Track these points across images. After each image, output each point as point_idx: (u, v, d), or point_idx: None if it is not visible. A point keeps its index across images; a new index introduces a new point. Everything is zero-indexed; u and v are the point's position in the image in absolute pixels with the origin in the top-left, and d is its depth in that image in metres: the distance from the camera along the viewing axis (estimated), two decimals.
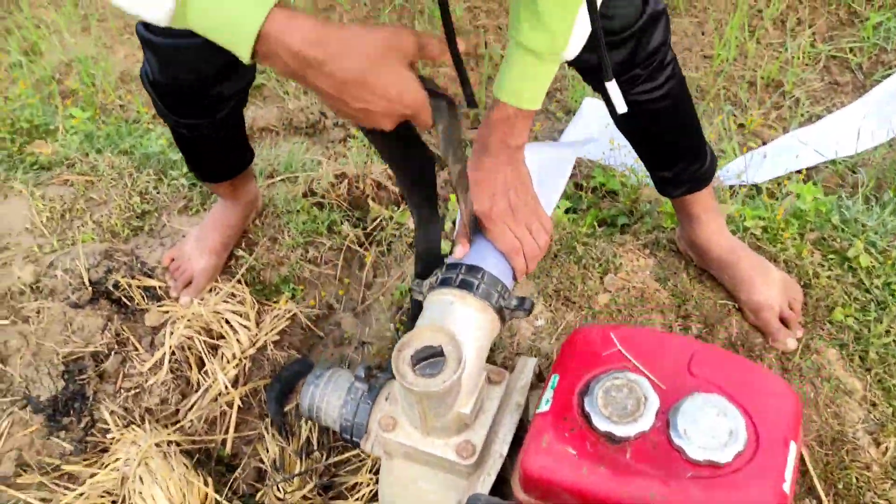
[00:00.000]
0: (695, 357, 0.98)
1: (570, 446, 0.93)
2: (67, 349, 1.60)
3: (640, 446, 0.91)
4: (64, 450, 1.51)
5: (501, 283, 1.06)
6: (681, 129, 1.37)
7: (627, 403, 0.94)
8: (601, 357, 1.00)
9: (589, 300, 1.52)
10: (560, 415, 0.96)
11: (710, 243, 1.50)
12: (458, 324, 1.02)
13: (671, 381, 0.96)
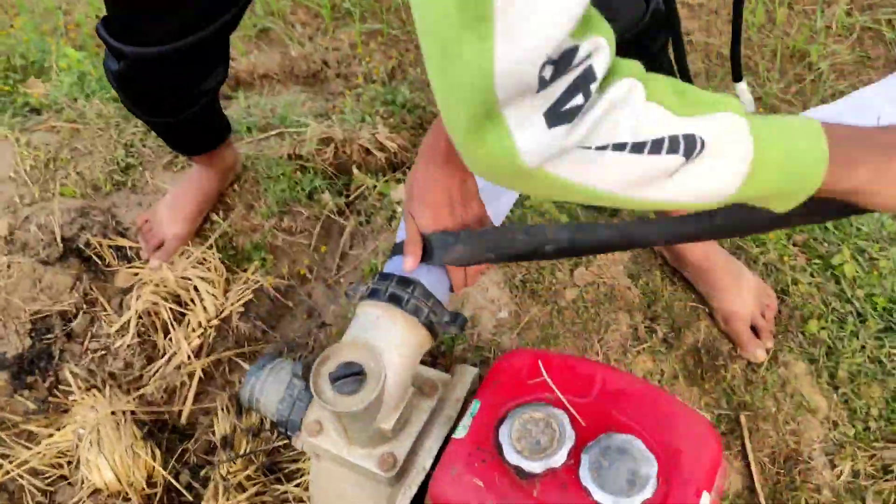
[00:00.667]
0: (622, 393, 0.96)
1: (479, 478, 0.92)
2: (35, 307, 1.62)
3: (550, 483, 0.90)
4: (27, 408, 1.55)
5: (434, 298, 1.04)
6: None
7: (541, 438, 0.92)
8: (526, 385, 0.98)
9: (556, 294, 1.49)
10: (475, 443, 0.95)
11: (684, 249, 1.45)
12: (382, 340, 1.00)
13: (592, 418, 0.94)
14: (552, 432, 0.93)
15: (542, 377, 0.98)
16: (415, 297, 1.03)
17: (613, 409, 0.95)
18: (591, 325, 1.45)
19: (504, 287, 1.51)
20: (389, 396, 1.00)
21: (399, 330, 1.01)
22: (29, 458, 1.46)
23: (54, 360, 1.59)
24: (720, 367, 1.40)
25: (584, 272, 1.51)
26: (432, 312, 1.04)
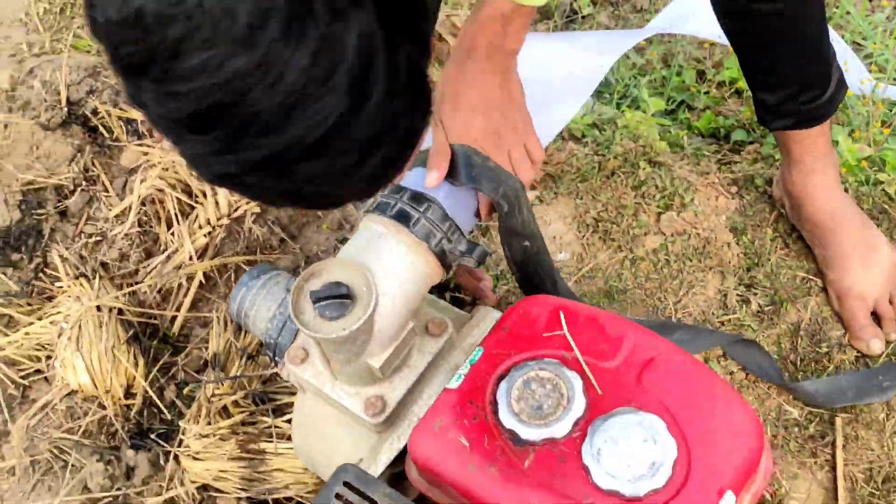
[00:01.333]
0: (654, 362, 1.01)
1: (465, 436, 0.99)
2: (29, 176, 1.79)
3: (546, 455, 0.97)
4: (9, 289, 1.72)
5: (451, 223, 1.10)
6: (797, 50, 1.31)
7: (545, 402, 0.99)
8: (540, 338, 1.04)
9: (633, 240, 1.53)
10: (467, 396, 1.02)
11: (808, 197, 1.45)
12: (380, 262, 1.08)
13: (612, 386, 0.99)
14: (559, 397, 0.99)
15: (560, 330, 1.03)
16: (427, 217, 1.10)
17: (639, 380, 1.00)
18: (669, 284, 1.48)
19: (571, 223, 1.56)
20: (381, 329, 1.08)
21: (402, 253, 1.09)
22: (4, 345, 1.64)
23: (43, 240, 1.76)
24: (823, 355, 1.41)
25: (675, 218, 1.53)
26: (446, 238, 1.10)
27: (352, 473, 1.02)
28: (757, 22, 1.24)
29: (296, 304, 1.07)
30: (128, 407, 1.55)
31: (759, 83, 1.39)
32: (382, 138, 0.67)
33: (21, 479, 1.53)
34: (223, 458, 1.41)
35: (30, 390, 1.62)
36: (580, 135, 1.70)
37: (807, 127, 1.40)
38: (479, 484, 0.97)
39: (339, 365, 1.12)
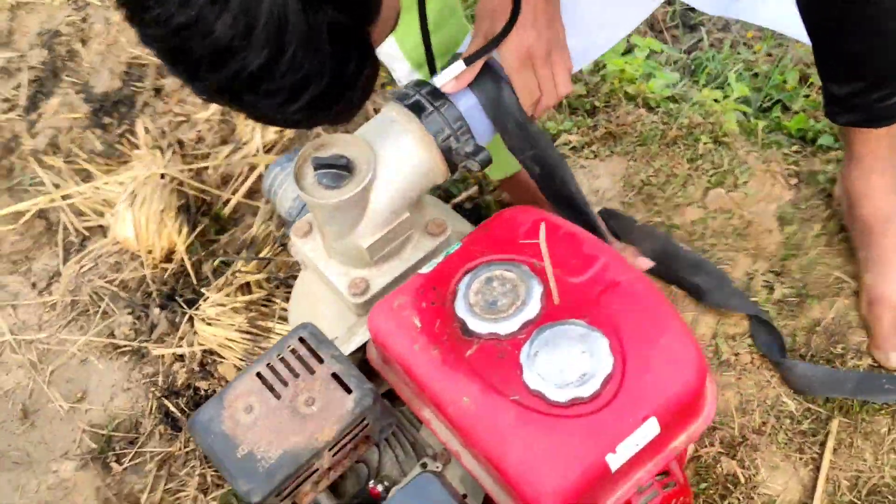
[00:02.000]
0: (619, 286, 1.00)
1: (419, 317, 1.01)
2: (137, 51, 1.90)
3: (488, 349, 0.97)
4: (94, 147, 1.84)
5: (464, 124, 1.12)
6: (875, 39, 1.25)
7: (501, 299, 0.99)
8: (516, 243, 1.04)
9: (675, 209, 1.51)
10: (433, 283, 1.04)
11: (863, 196, 1.40)
12: (385, 145, 1.10)
13: (570, 300, 0.99)
14: (514, 297, 0.99)
15: (536, 240, 1.04)
16: (441, 112, 1.11)
17: (599, 299, 0.99)
18: None
19: (618, 181, 1.55)
20: (374, 210, 1.11)
21: (407, 141, 1.11)
22: (75, 194, 1.75)
23: (135, 109, 1.86)
24: (836, 356, 1.36)
25: (723, 195, 1.50)
26: (454, 137, 1.12)
27: (308, 331, 1.05)
28: (835, 3, 1.20)
29: (299, 168, 1.11)
30: (165, 270, 1.63)
31: (830, 71, 1.34)
32: (307, 83, 0.77)
33: (59, 315, 1.64)
34: (232, 328, 1.47)
35: (88, 240, 1.73)
36: (654, 104, 1.68)
37: (875, 126, 1.34)
38: (420, 363, 0.99)
39: (332, 239, 1.15)
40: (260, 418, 1.00)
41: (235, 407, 1.01)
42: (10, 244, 1.74)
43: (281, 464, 0.97)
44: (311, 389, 1.01)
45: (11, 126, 1.87)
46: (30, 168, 1.82)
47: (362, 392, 1.00)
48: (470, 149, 1.13)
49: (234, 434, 1.00)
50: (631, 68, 1.72)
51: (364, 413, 1.00)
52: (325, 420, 0.99)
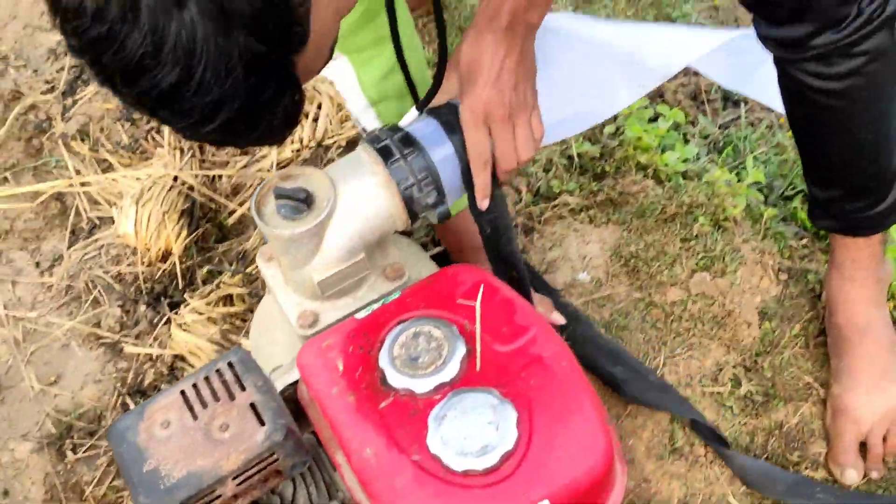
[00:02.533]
0: (542, 361, 0.99)
1: (343, 361, 1.02)
2: None
3: (402, 404, 0.97)
4: (120, 140, 1.89)
5: (430, 175, 1.12)
6: (854, 145, 1.23)
7: (423, 356, 0.99)
8: (453, 302, 1.04)
9: (657, 286, 1.49)
10: (365, 329, 1.04)
11: (840, 304, 1.37)
12: (349, 185, 1.11)
13: (491, 368, 0.99)
14: (437, 356, 0.99)
15: (473, 302, 1.04)
16: (408, 160, 1.12)
17: (520, 371, 0.99)
18: (670, 339, 1.43)
19: (607, 250, 1.54)
20: (329, 246, 1.12)
21: (372, 185, 1.12)
22: (93, 182, 1.80)
23: None
24: (791, 463, 1.32)
25: (707, 281, 1.48)
26: (417, 187, 1.13)
27: (238, 357, 1.06)
28: (810, 101, 1.17)
29: (261, 196, 1.13)
30: (159, 270, 1.67)
31: (810, 173, 1.32)
32: (219, 106, 0.77)
33: (53, 297, 1.68)
34: (203, 337, 1.50)
35: (97, 229, 1.78)
36: (665, 177, 1.67)
37: (852, 235, 1.32)
38: (334, 406, 0.99)
39: (287, 269, 1.17)
40: (174, 436, 1.02)
41: (154, 420, 1.03)
42: (24, 222, 1.80)
43: (183, 484, 0.98)
44: (228, 415, 1.02)
45: (48, 108, 1.94)
46: (57, 151, 1.88)
47: (274, 427, 1.01)
48: (431, 201, 1.13)
49: (146, 447, 1.01)
50: (648, 137, 1.70)
51: (273, 448, 1.00)
52: (233, 448, 1.00)
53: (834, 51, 1.09)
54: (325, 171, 1.14)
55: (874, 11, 1.06)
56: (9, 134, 1.91)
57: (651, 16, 2.01)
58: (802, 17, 1.09)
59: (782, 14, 1.10)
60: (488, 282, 1.07)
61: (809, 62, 1.12)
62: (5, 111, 1.95)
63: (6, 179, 1.86)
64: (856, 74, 1.12)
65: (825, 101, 1.15)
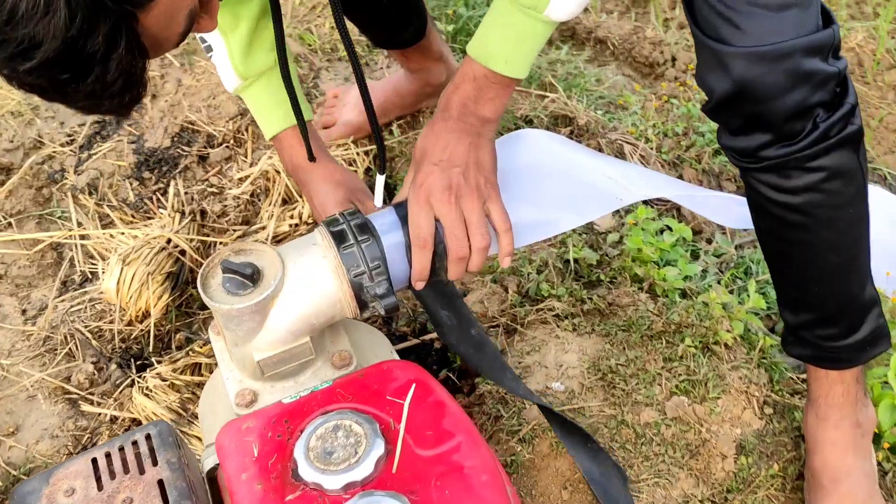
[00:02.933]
0: (462, 471, 0.94)
1: (259, 447, 0.97)
2: (193, 117, 1.97)
3: (309, 498, 0.92)
4: (127, 197, 1.90)
5: (381, 265, 1.09)
6: (820, 266, 1.17)
7: (338, 452, 0.94)
8: (383, 398, 1.00)
9: (632, 406, 1.42)
10: (287, 415, 1.00)
11: (815, 445, 1.29)
12: (299, 267, 1.08)
13: (408, 472, 0.94)
14: (351, 454, 0.94)
15: (402, 400, 0.99)
16: (361, 248, 1.09)
17: (436, 479, 0.93)
18: (638, 462, 1.36)
19: (585, 361, 1.47)
20: (272, 327, 1.09)
21: (321, 268, 1.09)
22: (92, 235, 1.81)
23: (175, 171, 1.92)
24: None
25: (685, 406, 1.41)
26: (368, 275, 1.09)
27: (158, 429, 1.03)
28: (771, 215, 1.13)
29: (210, 269, 1.10)
30: (138, 330, 1.65)
31: (780, 295, 1.26)
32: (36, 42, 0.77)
33: (31, 347, 1.67)
34: (163, 404, 1.46)
35: (88, 282, 1.77)
36: (661, 292, 1.61)
37: (824, 367, 1.25)
38: (242, 493, 0.95)
39: (230, 344, 1.13)
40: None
41: (58, 486, 0.99)
42: (19, 268, 1.80)
43: None
44: (134, 490, 0.98)
45: (63, 159, 1.96)
46: (65, 202, 1.89)
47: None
48: (380, 291, 1.10)
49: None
50: (649, 250, 1.66)
51: None
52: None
53: (789, 163, 1.07)
54: (277, 250, 1.11)
55: (831, 128, 1.04)
56: (21, 181, 1.93)
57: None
58: (756, 129, 1.07)
59: (738, 123, 1.08)
60: (423, 381, 1.02)
61: (767, 173, 1.09)
62: (24, 158, 1.98)
63: (10, 225, 1.87)
64: (813, 190, 1.09)
65: (785, 216, 1.12)
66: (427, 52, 1.81)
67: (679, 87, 2.14)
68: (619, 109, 2.08)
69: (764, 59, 1.01)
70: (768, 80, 1.02)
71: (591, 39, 2.33)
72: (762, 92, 1.03)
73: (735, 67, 1.02)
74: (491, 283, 1.63)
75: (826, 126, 1.04)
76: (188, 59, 2.10)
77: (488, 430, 1.41)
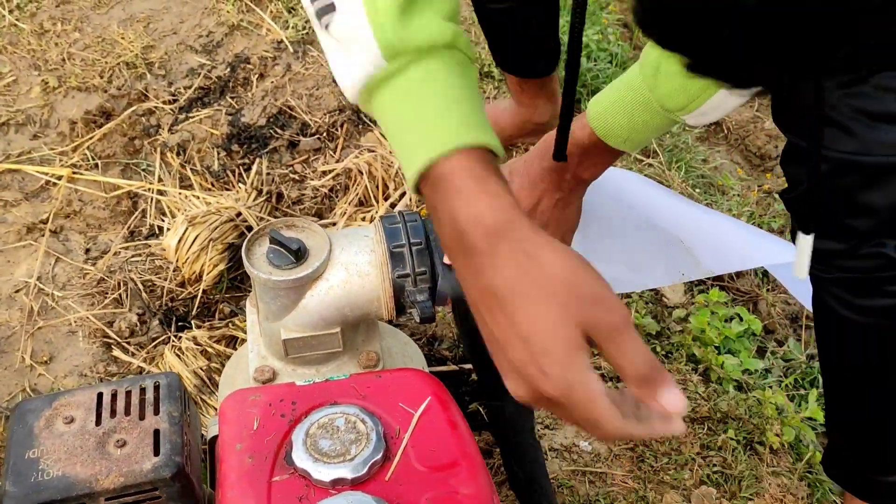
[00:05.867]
0: (454, 497, 0.90)
1: (261, 421, 0.95)
2: (293, 102, 1.98)
3: (295, 485, 0.89)
4: (212, 164, 1.92)
5: (428, 272, 1.06)
6: (879, 393, 1.10)
7: (333, 445, 0.91)
8: (394, 403, 0.97)
9: (657, 485, 1.36)
10: (296, 397, 0.98)
11: None
12: (345, 253, 1.06)
13: (400, 482, 0.90)
14: (348, 452, 0.91)
15: (416, 410, 0.96)
16: (411, 251, 1.07)
17: (428, 497, 0.89)
18: None
19: (621, 446, 1.42)
20: (305, 307, 1.07)
21: (365, 261, 1.07)
22: (169, 193, 1.83)
23: (263, 150, 1.93)
24: None
25: (713, 498, 1.34)
26: (412, 279, 1.07)
27: (168, 380, 1.01)
28: (836, 330, 1.06)
29: (257, 237, 1.09)
30: (182, 288, 1.65)
31: (830, 411, 1.19)
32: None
33: (84, 284, 1.69)
34: (190, 367, 1.46)
35: (154, 236, 1.79)
36: (715, 378, 1.54)
37: (861, 498, 1.17)
38: (231, 462, 0.92)
39: (262, 318, 1.12)
40: (70, 434, 0.97)
41: (59, 412, 0.99)
42: (94, 208, 1.83)
43: (52, 485, 0.93)
44: (129, 434, 0.97)
45: (161, 116, 1.99)
46: (153, 157, 1.92)
47: (166, 461, 0.95)
48: (422, 298, 1.07)
49: (38, 435, 0.97)
50: (712, 332, 1.59)
51: (156, 483, 0.94)
52: (117, 468, 0.94)
53: (862, 281, 1.00)
54: (329, 234, 1.09)
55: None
56: (117, 127, 1.97)
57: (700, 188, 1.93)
58: (831, 235, 1.00)
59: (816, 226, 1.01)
60: (441, 397, 0.99)
61: (837, 286, 1.02)
62: (126, 108, 2.01)
63: (96, 166, 1.90)
64: (884, 314, 1.01)
65: (851, 335, 1.05)
66: (544, 87, 1.78)
67: (785, 185, 2.06)
68: (717, 192, 2.02)
69: (856, 167, 0.94)
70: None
71: None
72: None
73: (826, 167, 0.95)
74: None
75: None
76: (303, 47, 2.12)
77: (499, 477, 1.36)
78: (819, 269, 1.03)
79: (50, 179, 1.86)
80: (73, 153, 1.90)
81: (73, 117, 1.96)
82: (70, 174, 1.85)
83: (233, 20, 2.18)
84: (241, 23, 2.18)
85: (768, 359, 1.62)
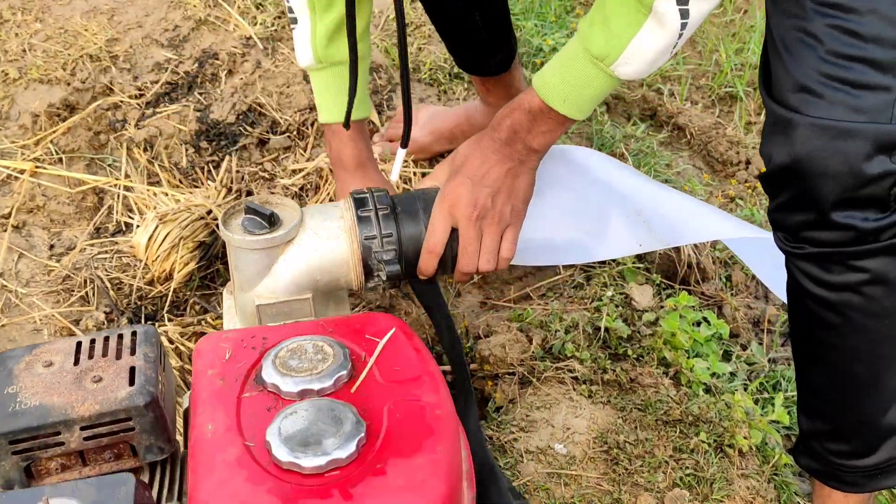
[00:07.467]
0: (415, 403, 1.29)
1: (232, 350, 1.33)
2: (263, 100, 2.52)
3: (264, 399, 1.29)
4: (180, 161, 2.42)
5: (394, 235, 1.50)
6: (844, 374, 1.42)
7: (302, 363, 1.31)
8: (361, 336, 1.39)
9: (631, 487, 1.75)
10: (267, 334, 1.39)
11: None
12: (314, 219, 1.52)
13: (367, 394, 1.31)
14: (314, 367, 1.31)
15: (379, 340, 1.38)
16: (378, 215, 1.52)
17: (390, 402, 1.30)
18: None
19: (594, 430, 1.82)
20: (278, 271, 1.53)
21: (335, 226, 1.53)
22: (136, 189, 2.34)
23: (232, 148, 2.42)
24: None
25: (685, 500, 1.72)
26: (378, 240, 1.51)
27: (146, 331, 1.45)
28: (805, 309, 1.39)
29: (234, 210, 1.56)
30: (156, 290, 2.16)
31: (800, 397, 1.52)
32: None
33: (49, 282, 2.17)
34: None
35: (120, 234, 2.27)
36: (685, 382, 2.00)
37: (829, 484, 1.52)
38: (201, 383, 1.34)
39: (237, 289, 1.57)
40: (48, 374, 1.30)
41: (39, 357, 1.33)
42: (58, 204, 2.31)
43: (29, 413, 1.24)
44: (105, 371, 1.31)
45: (127, 111, 2.50)
46: (119, 152, 2.44)
47: (140, 390, 1.28)
48: (388, 257, 1.51)
49: (17, 375, 1.30)
50: (683, 337, 2.06)
51: (130, 412, 1.27)
52: (92, 397, 1.26)
53: (832, 256, 1.33)
54: (301, 207, 1.56)
55: (882, 231, 1.28)
56: (82, 121, 2.46)
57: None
58: (802, 207, 1.32)
59: (786, 197, 1.34)
60: (406, 331, 1.42)
61: (809, 262, 1.37)
62: (90, 101, 2.54)
63: (60, 161, 2.40)
64: (852, 291, 1.35)
65: (819, 312, 1.40)
66: (509, 87, 2.25)
67: (747, 190, 2.61)
68: None
69: (828, 133, 1.26)
70: (825, 155, 1.26)
71: (670, 124, 2.88)
72: (816, 166, 1.27)
73: (798, 136, 1.27)
74: (517, 330, 2.07)
75: (876, 226, 1.27)
76: (272, 44, 2.65)
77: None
78: (791, 246, 1.36)
79: (11, 174, 2.35)
80: (36, 147, 2.40)
81: (36, 110, 2.45)
82: (33, 168, 2.36)
83: (200, 14, 2.70)
84: (208, 17, 2.70)
85: (734, 362, 2.08)
